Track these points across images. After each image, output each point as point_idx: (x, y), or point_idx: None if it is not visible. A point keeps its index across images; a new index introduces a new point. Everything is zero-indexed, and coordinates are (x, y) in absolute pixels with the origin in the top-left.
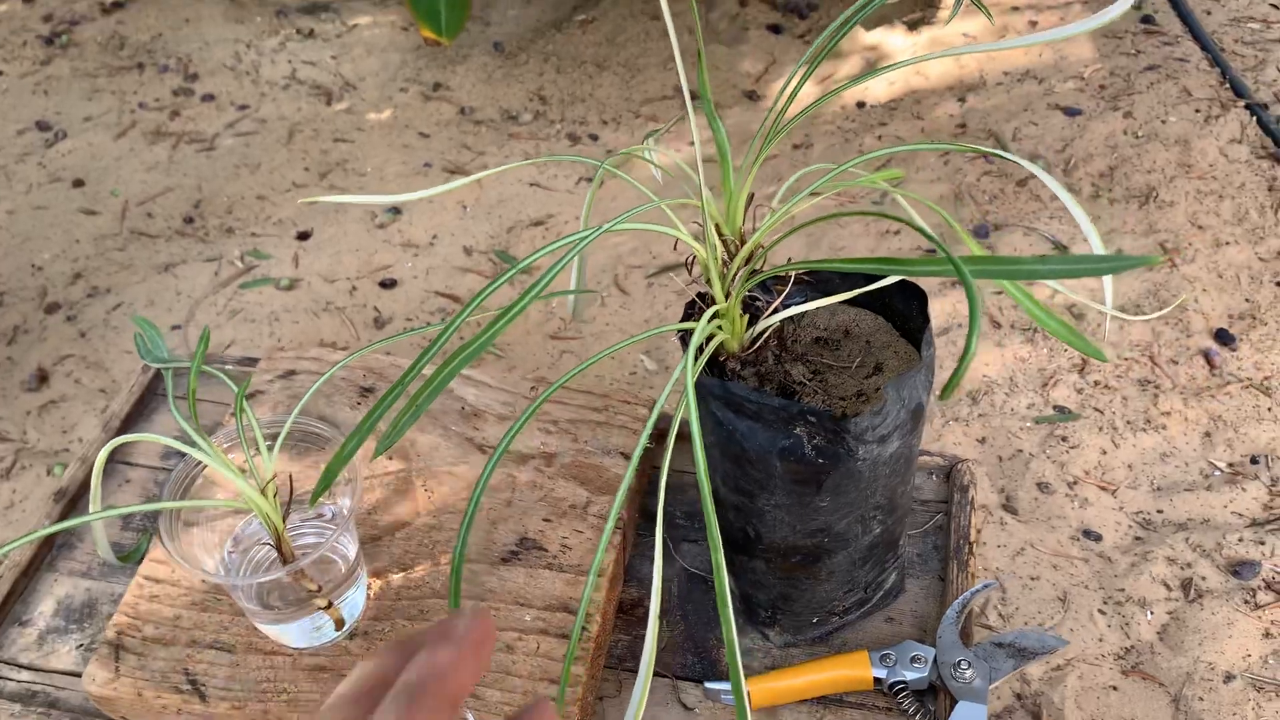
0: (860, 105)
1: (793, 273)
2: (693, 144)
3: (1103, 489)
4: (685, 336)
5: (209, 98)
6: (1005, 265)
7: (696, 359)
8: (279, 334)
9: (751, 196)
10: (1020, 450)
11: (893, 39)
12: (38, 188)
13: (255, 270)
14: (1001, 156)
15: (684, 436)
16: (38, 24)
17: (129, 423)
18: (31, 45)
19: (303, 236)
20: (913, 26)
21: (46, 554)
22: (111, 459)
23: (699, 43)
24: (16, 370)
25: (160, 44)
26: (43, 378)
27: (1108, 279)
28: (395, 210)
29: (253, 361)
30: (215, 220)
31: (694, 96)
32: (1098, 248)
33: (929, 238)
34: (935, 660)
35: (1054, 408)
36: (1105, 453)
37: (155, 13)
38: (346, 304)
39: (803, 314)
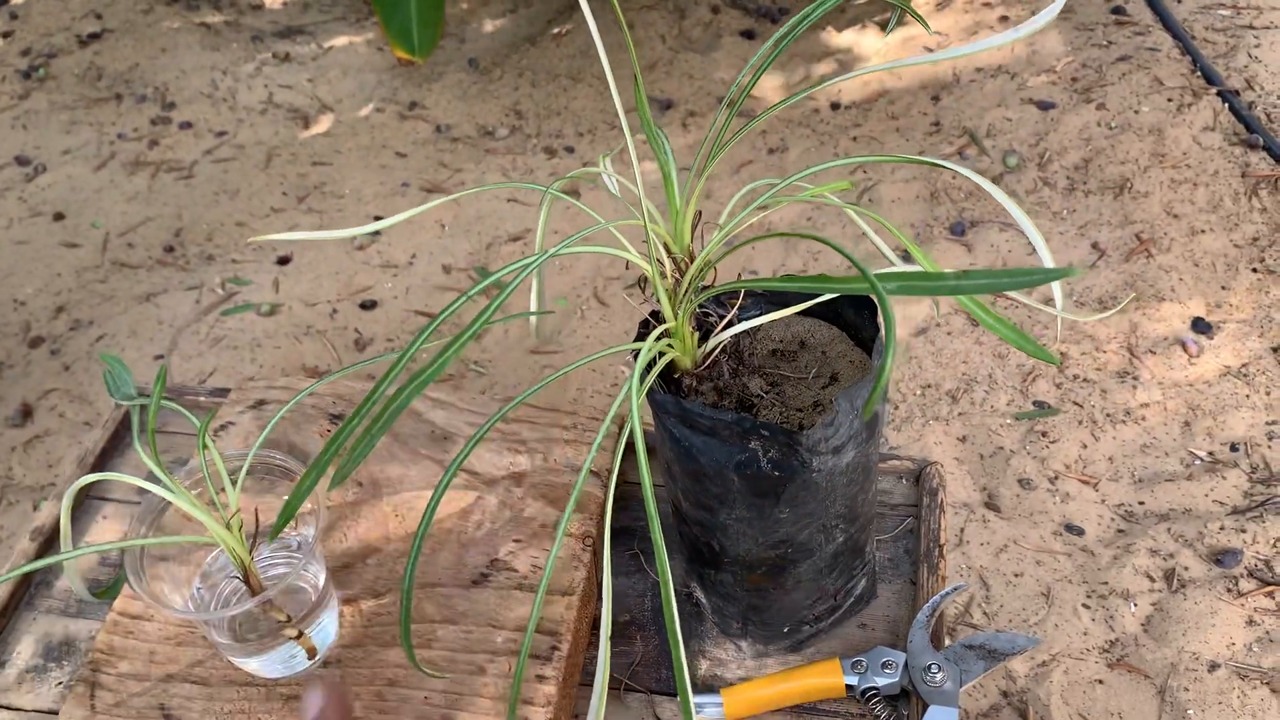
0: (835, 107)
1: (741, 289)
2: (635, 167)
3: (1084, 483)
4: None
5: (186, 125)
6: (925, 282)
7: (646, 376)
8: (261, 360)
9: (699, 214)
10: (1001, 447)
11: (865, 40)
12: (18, 222)
13: (236, 297)
14: (948, 169)
15: (653, 450)
16: (15, 58)
17: (105, 458)
18: (10, 80)
19: (283, 261)
20: (884, 27)
21: (25, 593)
22: (89, 494)
23: (635, 72)
24: (1, 406)
25: (137, 74)
26: (27, 413)
27: (1056, 284)
28: (375, 231)
29: (224, 393)
30: (195, 248)
31: (668, 105)
32: (1043, 251)
33: (848, 257)
34: (906, 665)
35: (1034, 403)
36: (1086, 446)
37: (131, 43)
38: (327, 327)
39: (759, 327)
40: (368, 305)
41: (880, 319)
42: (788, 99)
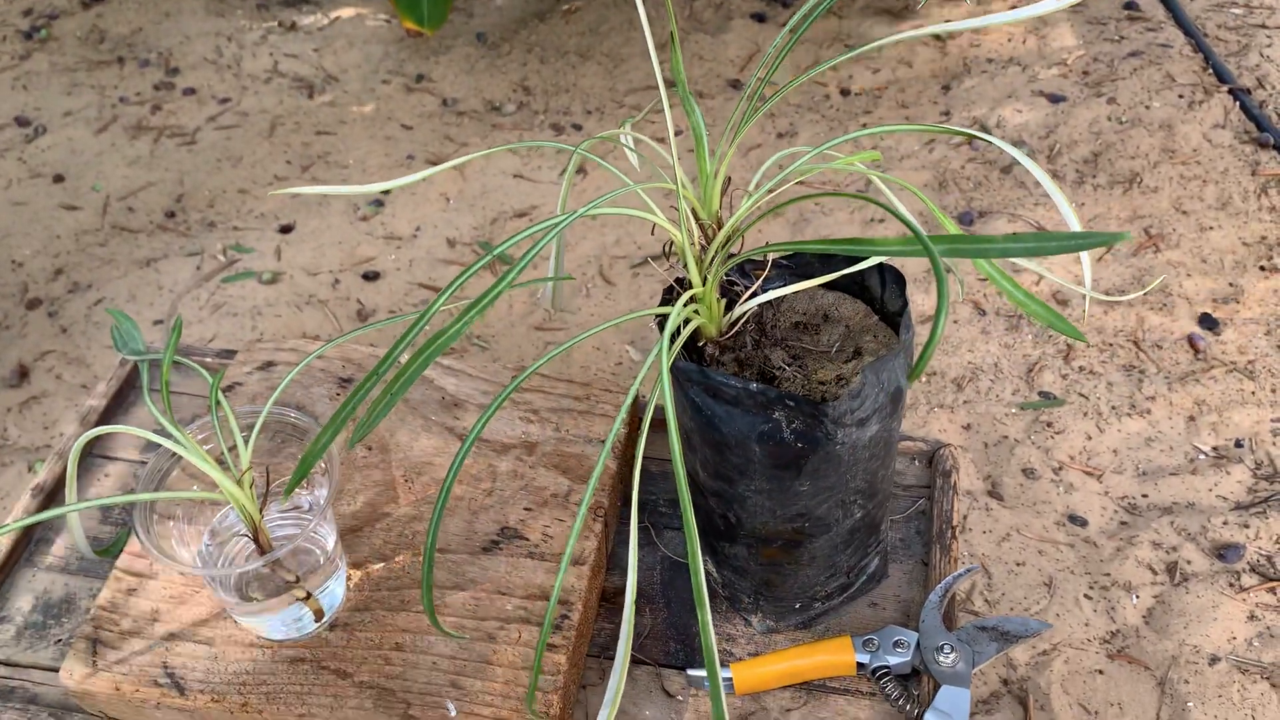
0: (845, 93)
1: (770, 257)
2: (669, 131)
3: (1088, 474)
4: (663, 321)
5: (190, 91)
6: (976, 244)
7: (672, 343)
8: (261, 328)
9: (728, 181)
10: (1006, 436)
11: (878, 27)
12: (18, 183)
13: (237, 264)
14: (985, 139)
15: (662, 423)
16: (16, 18)
17: (107, 416)
18: (10, 40)
19: (285, 230)
20: (896, 14)
21: (25, 549)
22: (91, 452)
23: (672, 28)
24: None
25: (140, 38)
26: (23, 374)
27: (1086, 262)
28: (378, 202)
29: (232, 354)
30: (197, 214)
31: (670, 84)
32: (1075, 227)
33: (900, 218)
34: (918, 645)
35: (1039, 393)
36: (1090, 438)
37: (135, 6)
38: (329, 297)
39: (782, 299)
40: (370, 276)
41: (935, 282)
42: (803, 74)
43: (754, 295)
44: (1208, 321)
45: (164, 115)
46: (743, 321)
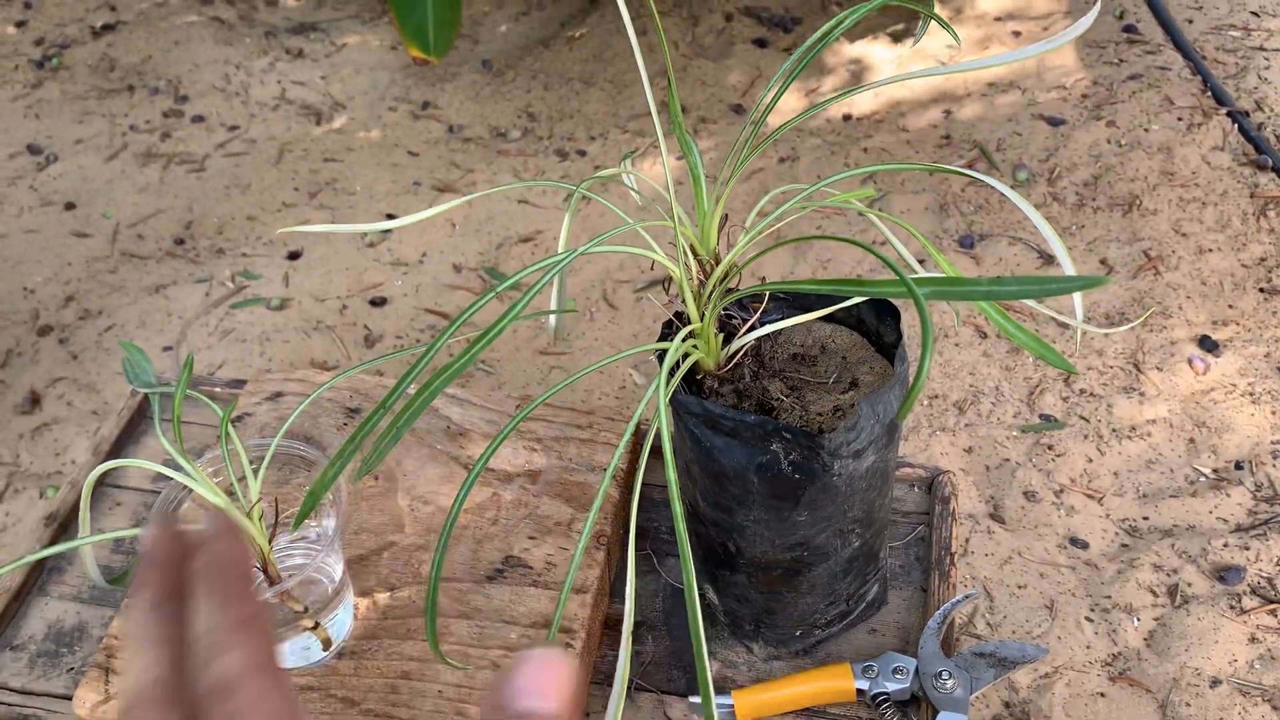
0: (846, 118)
1: (766, 292)
2: (666, 170)
3: (1089, 497)
4: (662, 356)
5: (199, 119)
6: (959, 286)
7: (670, 377)
8: (270, 354)
9: (726, 217)
10: (1007, 459)
11: (876, 51)
12: (29, 211)
13: (246, 290)
14: (972, 176)
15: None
16: (29, 48)
17: (119, 447)
18: (22, 69)
19: (293, 256)
20: (896, 39)
21: (37, 578)
22: (102, 482)
23: (667, 63)
24: (9, 393)
25: (150, 66)
26: (35, 400)
27: (1078, 295)
28: (385, 230)
29: (241, 384)
30: (206, 241)
31: (680, 112)
32: (1067, 265)
33: (884, 261)
34: (917, 671)
35: (1040, 416)
36: (1091, 460)
37: (145, 35)
38: (337, 323)
39: (779, 331)
40: (377, 302)
41: (917, 321)
42: (812, 108)
43: (751, 329)
44: (1207, 343)
45: (173, 143)
46: (741, 354)
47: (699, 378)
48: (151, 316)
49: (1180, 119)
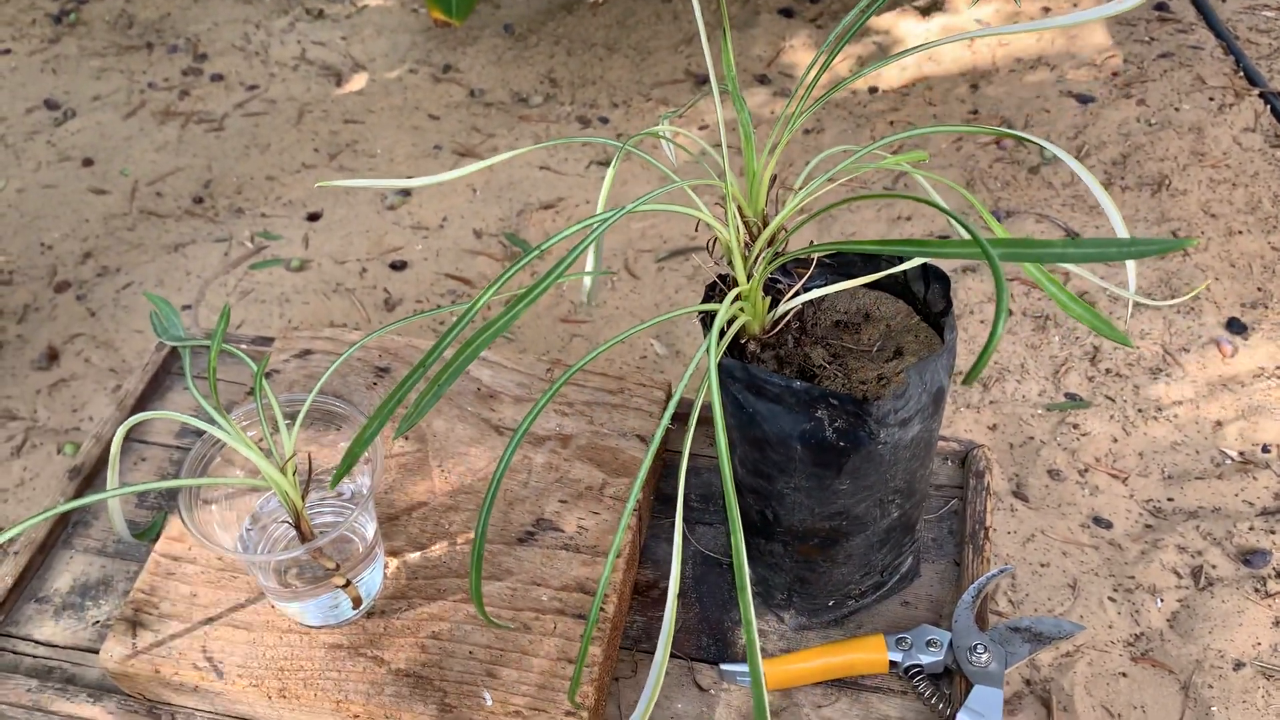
0: (873, 90)
1: (814, 255)
2: (720, 127)
3: (1113, 476)
4: (705, 319)
5: (218, 78)
6: (1034, 248)
7: (719, 341)
8: (289, 315)
9: (774, 178)
10: (1031, 437)
11: (904, 24)
12: (47, 166)
13: (265, 251)
14: (1023, 139)
15: (703, 420)
16: (46, 2)
17: (143, 401)
18: (40, 24)
19: (313, 218)
20: (925, 12)
21: (62, 531)
22: (126, 437)
23: (725, 21)
24: (27, 349)
25: (169, 23)
26: (53, 356)
27: (1131, 265)
28: (405, 192)
29: (267, 341)
30: (225, 200)
31: (703, 80)
32: (1122, 233)
33: (955, 219)
34: (951, 644)
35: (1065, 395)
36: (1116, 440)
37: None
38: (356, 285)
39: (823, 297)
40: (398, 265)
41: (995, 285)
42: (852, 76)
43: (798, 294)
44: (1236, 326)
45: (192, 101)
46: (785, 319)
47: (740, 343)
48: (170, 275)
49: (1212, 99)
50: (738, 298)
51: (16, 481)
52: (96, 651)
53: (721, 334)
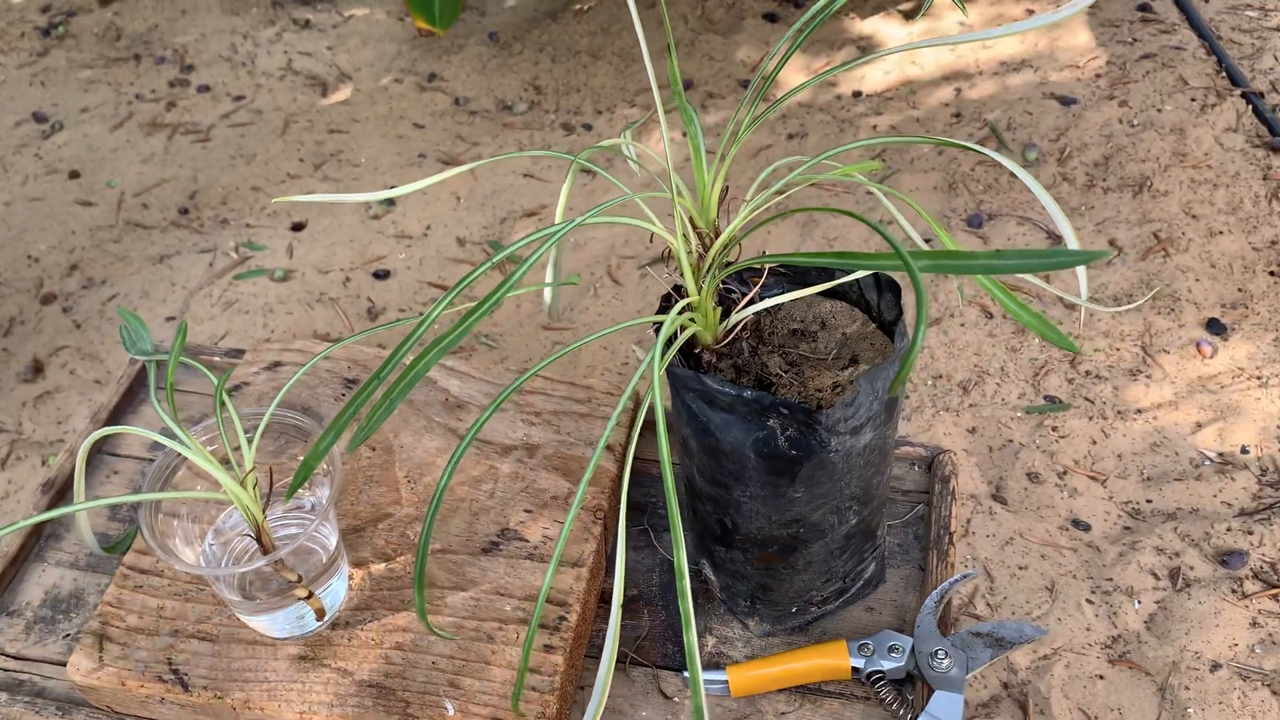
0: (856, 95)
1: (766, 265)
2: (664, 140)
3: (1092, 479)
4: (659, 328)
5: (205, 89)
6: (958, 260)
7: (666, 350)
8: (273, 325)
9: (726, 190)
10: (1010, 440)
11: (888, 28)
12: (34, 179)
13: (250, 261)
14: (980, 152)
15: (672, 426)
16: (35, 15)
17: (117, 414)
18: (28, 36)
19: (297, 228)
20: (908, 16)
21: (35, 544)
22: (100, 450)
23: (669, 40)
24: (12, 361)
25: (157, 35)
26: (38, 369)
27: (1082, 272)
28: (390, 202)
29: (240, 353)
30: (210, 211)
31: (688, 86)
32: (1073, 243)
33: (881, 233)
34: (913, 650)
35: (1045, 397)
36: (1095, 442)
37: (152, 4)
38: (340, 295)
39: (779, 306)
40: (381, 275)
41: (913, 298)
42: (810, 80)
43: (750, 303)
44: (1215, 326)
45: (179, 112)
46: (739, 329)
47: (697, 352)
48: (155, 286)
49: (1194, 99)
50: (687, 308)
51: (1, 494)
52: (66, 664)
53: (669, 344)
